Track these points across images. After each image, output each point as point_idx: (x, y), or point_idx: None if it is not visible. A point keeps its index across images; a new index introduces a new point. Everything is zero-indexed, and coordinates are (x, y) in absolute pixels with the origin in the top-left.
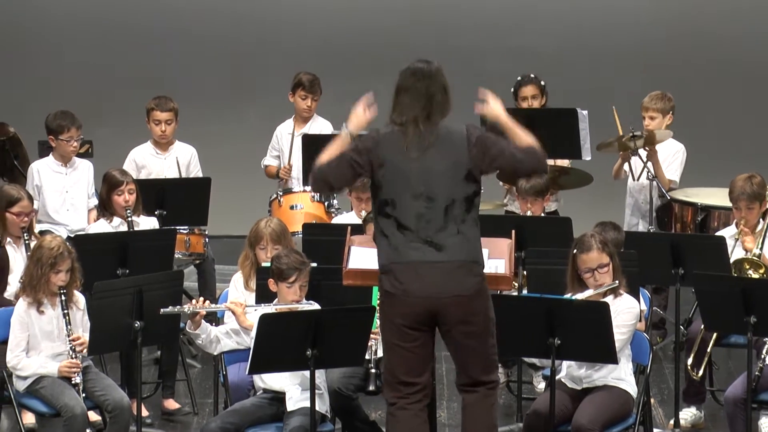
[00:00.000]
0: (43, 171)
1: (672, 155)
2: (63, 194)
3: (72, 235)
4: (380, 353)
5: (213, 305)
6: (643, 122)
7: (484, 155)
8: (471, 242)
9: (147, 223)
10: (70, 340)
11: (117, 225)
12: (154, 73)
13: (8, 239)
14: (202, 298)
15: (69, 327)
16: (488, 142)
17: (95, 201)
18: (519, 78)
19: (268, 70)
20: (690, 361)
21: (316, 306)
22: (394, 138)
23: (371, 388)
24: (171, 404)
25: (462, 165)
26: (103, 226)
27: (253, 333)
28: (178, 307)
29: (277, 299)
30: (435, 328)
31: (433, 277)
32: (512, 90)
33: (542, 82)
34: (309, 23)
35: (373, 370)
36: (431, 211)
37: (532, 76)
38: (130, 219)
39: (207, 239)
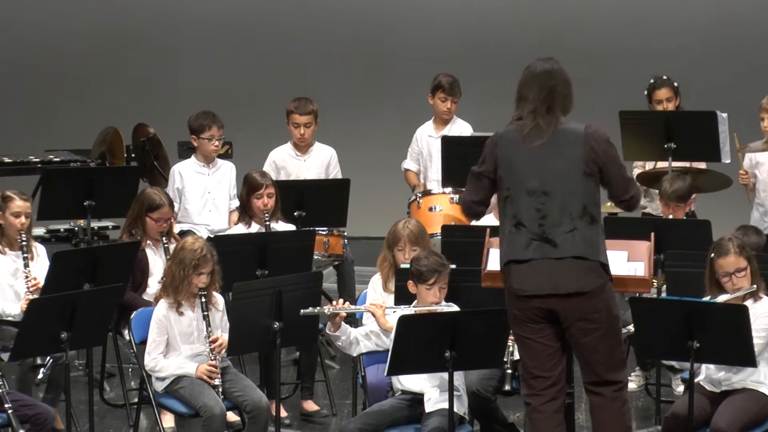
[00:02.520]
0: (185, 172)
1: None
2: (205, 195)
3: (212, 236)
4: (517, 355)
5: (353, 306)
6: (761, 123)
7: (597, 156)
8: (587, 239)
9: (284, 229)
10: (209, 342)
11: (255, 231)
12: (295, 74)
13: (147, 242)
14: (341, 300)
15: (209, 329)
16: (603, 146)
17: (237, 202)
18: (652, 81)
19: (408, 71)
20: None
21: (454, 308)
22: (512, 134)
23: (507, 387)
24: (310, 405)
25: (579, 162)
26: (240, 231)
27: (392, 334)
28: (318, 308)
29: (416, 301)
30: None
31: (549, 273)
32: (645, 93)
33: (675, 84)
34: (449, 24)
35: (509, 371)
36: (547, 207)
37: (665, 78)
38: (267, 223)
39: (346, 240)
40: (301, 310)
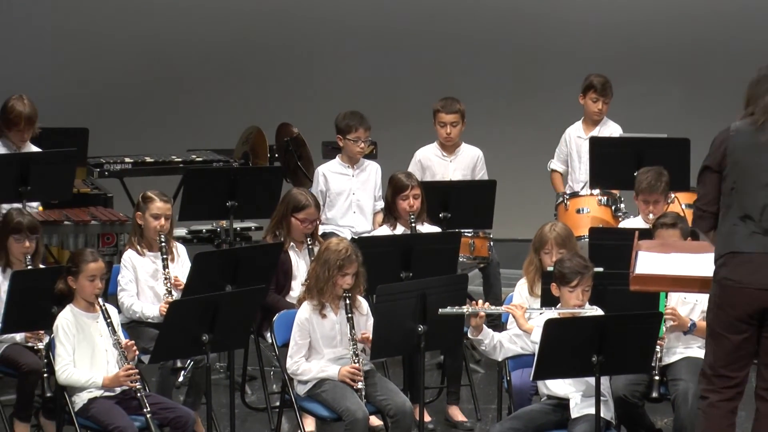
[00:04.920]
0: (330, 174)
1: None
2: (349, 196)
3: (356, 237)
4: (666, 360)
5: (492, 307)
6: None
7: None
8: None
9: (430, 230)
10: (353, 344)
11: (400, 232)
12: (441, 74)
13: (291, 244)
14: (481, 300)
15: (353, 331)
16: None
17: (381, 203)
18: None
19: (557, 71)
20: None
21: (598, 311)
22: (745, 126)
23: (654, 395)
24: (455, 411)
25: None
26: (385, 233)
27: (537, 338)
28: (456, 307)
29: (560, 304)
30: (764, 325)
31: None
32: None
33: None
34: (600, 24)
35: (657, 377)
36: None
37: None
38: (412, 225)
39: (492, 243)
40: (440, 310)
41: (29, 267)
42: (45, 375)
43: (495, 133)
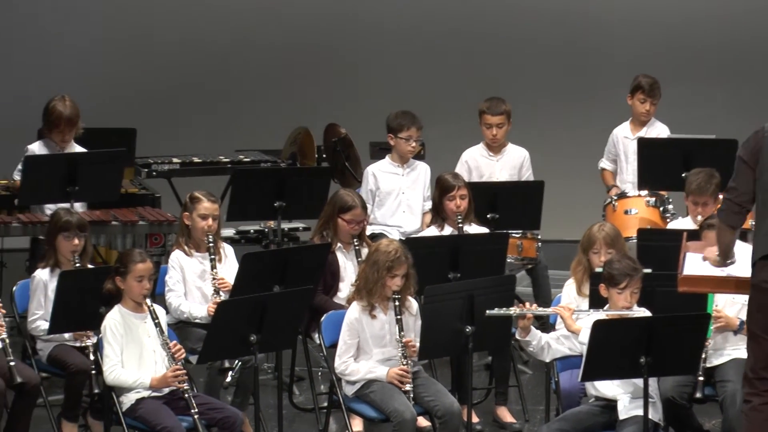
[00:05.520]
0: (380, 173)
1: None
2: (399, 196)
3: (403, 238)
4: (713, 361)
5: (540, 308)
6: None
7: None
8: None
9: (477, 231)
10: (401, 345)
11: (448, 233)
12: (487, 73)
13: (338, 244)
14: (528, 302)
15: (401, 332)
16: None
17: (430, 204)
18: None
19: (604, 71)
20: None
21: (647, 312)
22: None
23: (698, 395)
24: (503, 412)
25: None
26: (432, 234)
27: (585, 338)
28: (504, 309)
29: (607, 305)
30: None
31: None
32: None
33: None
34: (649, 25)
35: (701, 378)
36: None
37: None
38: (460, 226)
39: (539, 243)
40: (487, 311)
41: (77, 266)
42: (93, 373)
43: (542, 134)
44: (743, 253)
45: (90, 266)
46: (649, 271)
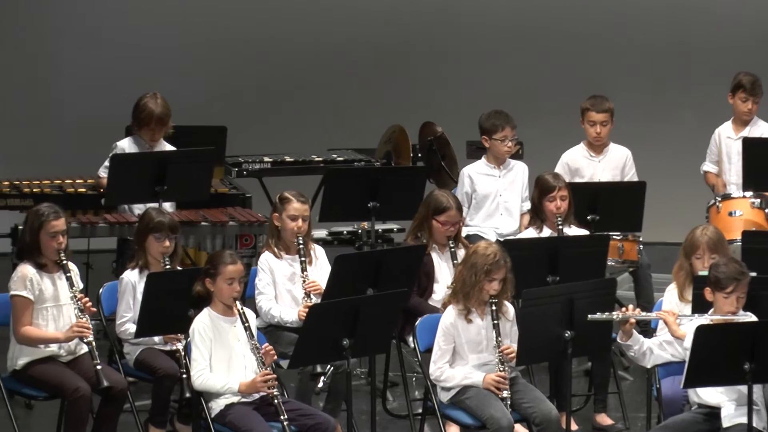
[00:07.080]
0: (476, 175)
1: None
2: (496, 198)
3: (500, 239)
4: None
5: (643, 313)
6: None
7: None
8: None
9: (577, 233)
10: (498, 352)
11: (547, 235)
12: (585, 71)
13: (433, 246)
14: (631, 306)
15: (498, 338)
16: None
17: (528, 204)
18: None
19: (707, 69)
20: None
21: (752, 317)
22: None
23: None
24: (603, 419)
25: None
26: (531, 236)
27: (688, 344)
28: (606, 313)
29: (712, 309)
30: None
31: None
32: None
33: None
34: (752, 21)
35: None
36: None
37: None
38: (560, 227)
39: (641, 246)
40: (589, 316)
41: (167, 268)
42: (183, 376)
43: (643, 133)
44: None
45: (179, 268)
46: (753, 274)
